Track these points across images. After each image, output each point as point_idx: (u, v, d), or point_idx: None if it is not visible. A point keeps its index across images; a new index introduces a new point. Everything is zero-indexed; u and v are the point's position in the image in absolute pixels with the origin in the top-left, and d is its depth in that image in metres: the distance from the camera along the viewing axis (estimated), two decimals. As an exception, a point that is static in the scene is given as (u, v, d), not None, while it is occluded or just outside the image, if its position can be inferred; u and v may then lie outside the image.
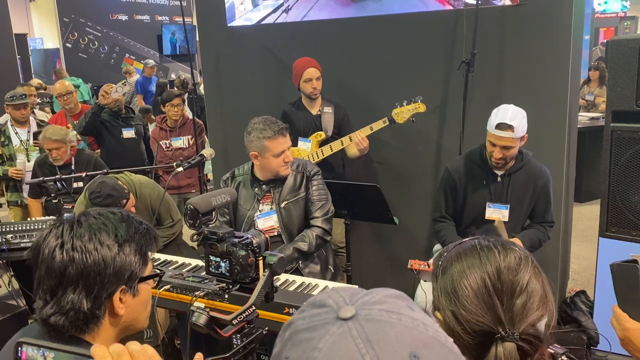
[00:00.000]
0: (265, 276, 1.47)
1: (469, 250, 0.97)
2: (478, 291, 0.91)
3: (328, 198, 2.67)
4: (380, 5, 3.40)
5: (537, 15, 2.98)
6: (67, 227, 1.11)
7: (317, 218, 2.60)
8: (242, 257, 1.53)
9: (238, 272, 1.54)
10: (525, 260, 0.95)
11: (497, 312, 0.89)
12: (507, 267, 0.93)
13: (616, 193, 1.67)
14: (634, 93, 1.61)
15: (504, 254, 0.95)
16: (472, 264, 0.94)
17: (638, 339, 1.12)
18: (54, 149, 3.65)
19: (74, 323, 1.07)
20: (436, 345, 0.54)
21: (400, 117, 3.06)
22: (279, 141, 2.49)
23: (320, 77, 3.26)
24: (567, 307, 3.33)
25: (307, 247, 2.52)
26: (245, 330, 1.47)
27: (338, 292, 0.59)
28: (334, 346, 0.52)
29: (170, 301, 2.18)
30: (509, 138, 2.47)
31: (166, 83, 8.25)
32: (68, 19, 9.25)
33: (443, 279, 0.96)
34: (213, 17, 3.97)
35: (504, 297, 0.90)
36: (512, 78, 3.11)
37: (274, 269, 1.48)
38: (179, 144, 4.35)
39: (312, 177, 2.63)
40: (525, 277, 0.92)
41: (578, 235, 4.48)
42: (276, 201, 2.60)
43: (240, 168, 2.73)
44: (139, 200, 3.02)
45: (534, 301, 0.91)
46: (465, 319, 0.90)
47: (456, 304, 0.92)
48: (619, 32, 12.20)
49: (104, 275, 1.08)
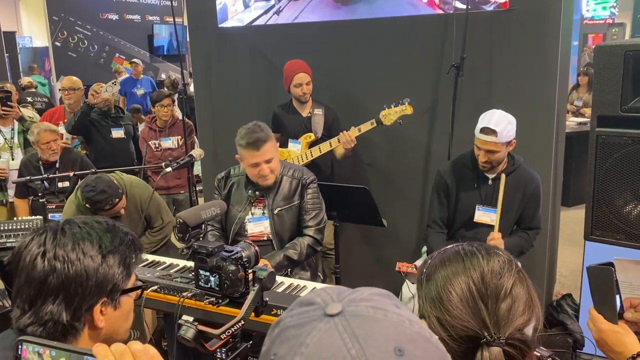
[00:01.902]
0: (254, 291, 1.45)
1: (453, 256, 0.97)
2: (462, 296, 0.90)
3: (322, 207, 2.64)
4: (371, 8, 3.41)
5: (526, 21, 3.01)
6: (51, 234, 1.07)
7: (309, 227, 2.57)
8: (231, 271, 1.51)
9: (228, 287, 1.53)
10: (509, 265, 0.94)
11: (482, 316, 0.88)
12: (490, 272, 0.92)
13: (601, 197, 1.69)
14: (619, 98, 1.63)
15: (488, 258, 0.94)
16: (456, 270, 0.94)
17: (612, 340, 1.14)
18: (52, 141, 3.63)
19: (51, 334, 1.03)
20: (421, 341, 0.55)
21: (387, 119, 3.07)
22: (251, 153, 2.41)
23: (310, 81, 3.27)
24: (554, 310, 3.35)
25: (298, 256, 2.50)
26: (230, 344, 1.45)
27: (326, 290, 0.60)
28: (321, 341, 0.53)
29: (158, 302, 2.16)
30: (492, 142, 2.49)
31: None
32: (57, 18, 9.18)
33: (427, 286, 0.96)
34: (204, 18, 3.96)
35: (488, 301, 0.90)
36: (500, 82, 3.14)
37: (264, 284, 1.46)
38: (169, 144, 4.33)
39: (307, 185, 2.58)
40: (509, 281, 0.92)
41: (566, 239, 4.51)
42: (269, 207, 2.57)
43: (236, 168, 2.70)
44: (128, 201, 3.00)
45: (519, 305, 0.91)
46: (450, 324, 0.90)
47: (441, 309, 0.91)
48: (607, 39, 12.34)
49: (85, 286, 1.04)
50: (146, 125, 4.47)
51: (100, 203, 2.81)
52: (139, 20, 10.69)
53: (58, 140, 3.70)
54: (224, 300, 1.56)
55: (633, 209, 1.64)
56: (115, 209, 2.89)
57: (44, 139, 3.61)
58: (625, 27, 12.88)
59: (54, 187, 3.68)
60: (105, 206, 2.83)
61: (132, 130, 4.64)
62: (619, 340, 1.14)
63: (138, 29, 10.65)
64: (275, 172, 2.52)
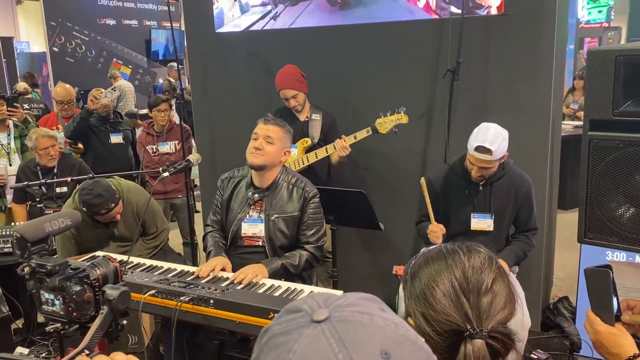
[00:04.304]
0: (102, 314, 1.26)
1: (436, 255, 1.01)
2: (446, 292, 0.94)
3: (323, 224, 2.62)
4: (367, 13, 3.43)
5: (521, 25, 3.03)
6: None
7: (310, 244, 2.55)
8: (76, 292, 1.30)
9: (72, 310, 1.31)
10: (489, 261, 0.98)
11: (465, 310, 0.92)
12: (472, 268, 0.96)
13: (593, 200, 1.71)
14: (611, 102, 1.65)
15: (469, 255, 0.98)
16: (440, 267, 0.97)
17: (608, 341, 1.15)
18: (50, 146, 3.64)
19: None
20: (407, 343, 0.56)
21: (383, 128, 3.08)
22: (258, 126, 2.54)
23: (297, 94, 3.26)
24: (550, 313, 3.37)
25: (294, 268, 2.49)
26: None
27: (313, 297, 0.61)
28: (308, 347, 0.54)
29: (156, 306, 2.17)
30: (487, 161, 2.51)
31: None
32: (55, 23, 9.18)
33: (412, 284, 1.00)
34: (201, 23, 3.98)
35: (470, 296, 0.93)
36: (496, 86, 3.16)
37: (114, 305, 1.27)
38: (166, 149, 4.34)
39: (310, 200, 2.56)
40: (490, 276, 0.96)
41: (562, 242, 4.53)
42: (265, 211, 2.56)
43: (240, 169, 2.70)
44: (125, 206, 3.01)
45: (500, 299, 0.94)
46: (434, 319, 0.93)
47: (425, 305, 0.94)
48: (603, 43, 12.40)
49: None
50: (144, 130, 4.48)
51: (96, 207, 2.82)
52: (137, 26, 10.71)
53: (56, 145, 3.71)
54: (72, 325, 1.34)
55: (625, 212, 1.65)
56: (111, 214, 2.90)
57: (42, 145, 3.62)
58: (621, 31, 12.94)
59: (52, 192, 3.69)
60: (101, 210, 2.84)
61: (131, 136, 4.65)
62: (616, 342, 1.15)
63: (136, 34, 10.66)
64: (266, 158, 2.48)
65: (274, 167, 2.54)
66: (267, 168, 2.51)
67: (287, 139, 2.56)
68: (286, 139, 2.55)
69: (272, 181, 2.56)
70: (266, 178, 2.55)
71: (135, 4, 10.67)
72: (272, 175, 2.56)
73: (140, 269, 2.43)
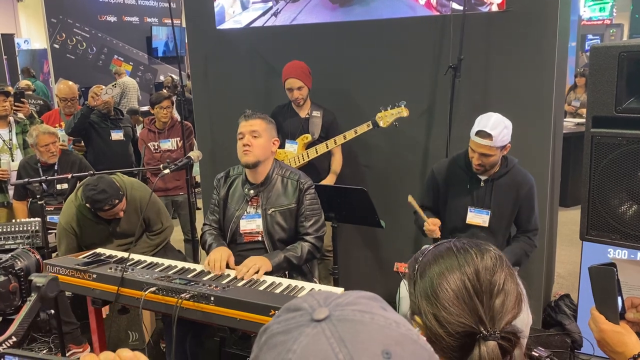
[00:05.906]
0: (31, 301, 1.22)
1: (446, 252, 0.99)
2: (458, 292, 0.92)
3: (321, 214, 2.63)
4: (368, 10, 3.42)
5: (522, 22, 3.02)
6: None
7: (310, 235, 2.55)
8: (1, 283, 1.28)
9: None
10: (500, 261, 0.97)
11: (479, 312, 0.91)
12: (484, 268, 0.95)
13: (596, 197, 1.70)
14: (613, 99, 1.64)
15: (481, 255, 0.97)
16: (451, 266, 0.96)
17: (613, 340, 1.15)
18: (51, 143, 3.63)
19: None
20: (408, 343, 0.55)
21: (384, 121, 3.08)
22: (240, 125, 2.55)
23: (302, 86, 3.27)
24: (552, 311, 3.36)
25: (297, 260, 2.50)
26: None
27: (313, 295, 0.60)
28: (308, 347, 0.53)
29: (157, 303, 2.17)
30: (487, 146, 2.49)
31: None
32: (56, 20, 9.17)
33: (422, 282, 0.98)
34: (202, 20, 3.97)
35: (483, 298, 0.92)
36: (498, 83, 3.15)
37: (43, 293, 1.23)
38: (168, 146, 4.33)
39: (306, 191, 2.57)
40: (501, 277, 0.95)
41: (564, 239, 4.52)
42: (262, 206, 2.57)
43: (235, 168, 2.72)
44: (129, 203, 3.01)
45: (510, 299, 0.93)
46: (447, 320, 0.91)
47: (437, 306, 0.93)
48: (605, 40, 12.38)
49: None
50: (145, 127, 4.48)
51: (100, 202, 2.81)
52: (138, 22, 10.70)
53: (57, 142, 3.70)
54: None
55: (628, 209, 1.64)
56: (115, 210, 2.89)
57: (42, 142, 3.62)
58: (623, 28, 12.91)
59: (53, 189, 3.68)
60: (105, 206, 2.83)
61: (132, 133, 4.64)
62: (620, 341, 1.14)
63: (136, 31, 10.65)
64: (258, 152, 2.49)
65: (266, 160, 2.55)
66: (260, 163, 2.53)
67: (272, 128, 2.59)
68: (271, 128, 2.57)
69: (266, 176, 2.57)
70: (259, 173, 2.56)
71: (136, 1, 10.66)
72: (265, 170, 2.57)
73: (140, 266, 2.42)
